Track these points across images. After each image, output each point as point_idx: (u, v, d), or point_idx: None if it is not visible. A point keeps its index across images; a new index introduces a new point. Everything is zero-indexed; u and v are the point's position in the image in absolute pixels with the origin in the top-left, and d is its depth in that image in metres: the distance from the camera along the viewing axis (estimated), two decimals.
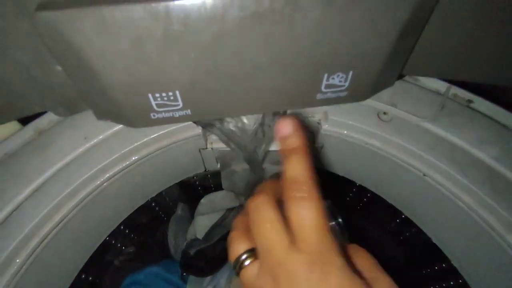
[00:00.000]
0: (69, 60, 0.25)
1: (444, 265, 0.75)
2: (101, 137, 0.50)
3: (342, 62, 0.27)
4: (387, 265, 0.83)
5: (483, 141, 0.47)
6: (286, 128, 0.25)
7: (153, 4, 0.22)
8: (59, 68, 0.27)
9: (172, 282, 0.81)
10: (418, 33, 0.28)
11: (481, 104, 0.51)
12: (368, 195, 0.85)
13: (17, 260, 0.43)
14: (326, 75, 0.28)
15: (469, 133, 0.48)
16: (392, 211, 0.67)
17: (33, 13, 0.22)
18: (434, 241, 0.60)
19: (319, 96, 0.30)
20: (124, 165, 0.52)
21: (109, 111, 0.30)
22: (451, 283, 0.73)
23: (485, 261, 0.50)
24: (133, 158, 0.53)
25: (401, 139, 0.51)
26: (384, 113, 0.52)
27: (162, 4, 0.22)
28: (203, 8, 0.22)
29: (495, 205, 0.45)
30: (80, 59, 0.24)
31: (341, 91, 0.30)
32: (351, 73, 0.29)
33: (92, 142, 0.49)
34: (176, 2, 0.22)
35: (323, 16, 0.23)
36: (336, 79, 0.29)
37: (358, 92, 0.31)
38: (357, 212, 0.89)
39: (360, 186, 0.65)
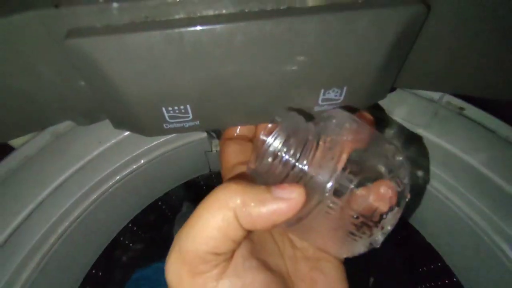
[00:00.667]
0: (93, 78, 0.28)
1: (439, 264, 0.78)
2: (114, 141, 0.53)
3: (337, 80, 0.30)
4: (386, 264, 0.85)
5: (473, 147, 0.50)
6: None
7: (169, 31, 0.25)
8: (82, 83, 0.31)
9: None
10: (404, 54, 0.31)
11: (473, 111, 0.53)
12: None
13: (38, 255, 0.47)
14: (322, 91, 0.31)
15: (460, 139, 0.50)
16: None
17: (64, 39, 0.25)
18: (429, 240, 0.63)
19: (316, 108, 0.33)
20: (134, 167, 0.56)
21: (126, 122, 0.33)
22: (446, 281, 0.76)
23: (476, 260, 0.52)
24: (143, 161, 0.56)
25: (398, 144, 0.53)
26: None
27: (176, 30, 0.25)
28: (212, 33, 0.25)
29: (484, 208, 0.48)
30: (103, 77, 0.27)
31: (336, 103, 0.33)
32: (345, 88, 0.32)
33: (106, 146, 0.52)
34: (188, 29, 0.25)
35: (319, 40, 0.26)
36: (331, 94, 0.32)
37: (351, 105, 0.34)
38: None
39: None
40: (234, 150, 0.35)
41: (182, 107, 0.31)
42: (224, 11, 0.26)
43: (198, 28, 0.25)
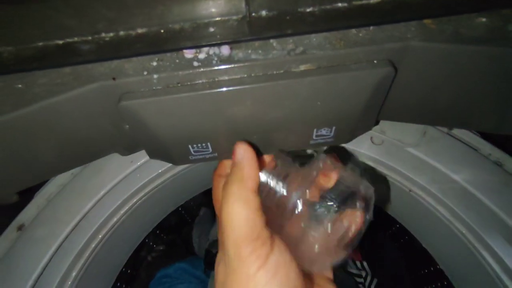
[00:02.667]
0: (138, 127, 0.38)
1: (433, 268, 0.84)
2: (143, 160, 0.63)
3: (326, 122, 0.39)
4: (388, 264, 0.92)
5: (458, 164, 0.57)
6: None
7: (193, 93, 0.34)
8: (127, 126, 0.40)
9: (196, 276, 0.95)
10: (380, 101, 0.38)
11: (459, 131, 0.60)
12: None
13: (85, 255, 0.57)
14: (315, 129, 0.40)
15: (446, 157, 0.57)
16: (390, 219, 0.77)
17: (118, 102, 0.35)
18: (424, 245, 0.70)
19: (311, 141, 0.42)
20: (161, 181, 0.65)
21: (160, 154, 0.43)
22: (439, 284, 0.82)
23: (461, 264, 0.60)
24: (168, 175, 0.66)
25: (390, 161, 0.61)
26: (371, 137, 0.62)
27: (200, 93, 0.34)
28: (227, 94, 0.34)
29: (467, 219, 0.55)
30: (146, 126, 0.37)
31: (328, 138, 0.41)
32: (334, 127, 0.40)
33: (137, 165, 0.62)
34: (209, 91, 0.34)
35: (309, 95, 0.35)
36: (323, 131, 0.40)
37: (341, 138, 0.42)
38: None
39: None
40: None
41: (204, 144, 0.40)
42: (235, 76, 0.35)
43: (216, 90, 0.34)
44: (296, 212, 0.36)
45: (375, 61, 0.35)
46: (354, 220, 0.37)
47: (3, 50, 0.33)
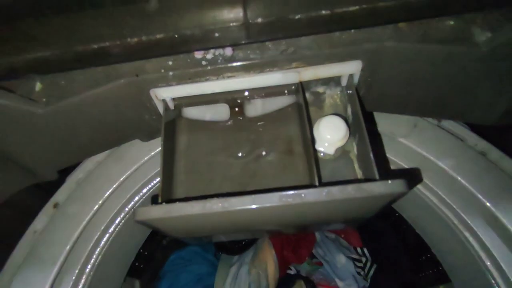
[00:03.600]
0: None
1: (429, 255, 0.89)
2: (159, 149, 0.70)
3: (334, 223, 0.45)
4: (387, 251, 0.97)
5: (445, 153, 0.62)
6: None
7: (208, 205, 0.38)
8: (147, 117, 0.48)
9: (207, 259, 1.03)
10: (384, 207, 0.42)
11: (448, 123, 0.65)
12: None
13: (109, 230, 0.66)
14: (324, 226, 0.46)
15: (434, 147, 0.62)
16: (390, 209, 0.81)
17: (142, 93, 0.42)
18: (416, 230, 0.75)
19: (322, 229, 0.48)
20: None
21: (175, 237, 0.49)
22: (435, 269, 0.87)
23: (447, 243, 0.65)
24: None
25: (384, 150, 0.66)
26: None
27: (208, 205, 0.38)
28: (233, 208, 0.38)
29: (451, 204, 0.60)
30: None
31: (337, 227, 0.48)
32: (341, 225, 0.46)
33: (154, 152, 0.70)
34: (223, 205, 0.38)
35: (321, 211, 0.39)
36: (332, 226, 0.46)
37: (349, 226, 0.48)
38: None
39: None
40: None
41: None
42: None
43: (227, 204, 0.38)
44: None
45: (389, 181, 0.35)
46: None
47: (50, 54, 0.41)
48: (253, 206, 0.35)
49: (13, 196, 0.61)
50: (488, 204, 0.57)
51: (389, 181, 0.35)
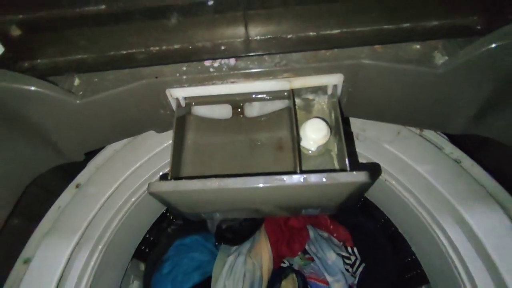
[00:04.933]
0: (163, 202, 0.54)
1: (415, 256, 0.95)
2: (171, 141, 0.80)
3: (311, 207, 0.54)
4: (375, 252, 1.04)
5: (423, 159, 0.69)
6: None
7: (208, 183, 0.47)
8: (162, 112, 0.57)
9: (207, 248, 1.12)
10: (360, 196, 0.52)
11: (428, 132, 0.72)
12: None
13: (123, 210, 0.75)
14: (303, 210, 0.55)
15: (414, 153, 0.70)
16: (380, 212, 0.89)
17: (160, 92, 0.51)
18: (398, 228, 0.82)
19: (302, 212, 0.56)
20: None
21: (181, 213, 0.59)
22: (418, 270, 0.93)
23: (422, 240, 0.72)
24: None
25: (370, 154, 0.74)
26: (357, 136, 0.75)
27: (208, 183, 0.47)
28: (227, 186, 0.47)
29: (425, 203, 0.67)
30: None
31: (315, 212, 0.56)
32: (319, 209, 0.54)
33: (166, 144, 0.79)
34: (220, 184, 0.47)
35: (297, 195, 0.49)
36: (310, 210, 0.55)
37: (326, 212, 0.57)
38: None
39: None
40: None
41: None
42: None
43: (225, 184, 0.47)
44: None
45: (354, 172, 0.43)
46: None
47: (88, 57, 0.51)
48: (244, 186, 0.44)
49: (41, 177, 0.72)
50: (457, 206, 0.64)
51: (354, 172, 0.44)
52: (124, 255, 0.87)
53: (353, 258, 1.06)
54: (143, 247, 1.10)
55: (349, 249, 1.08)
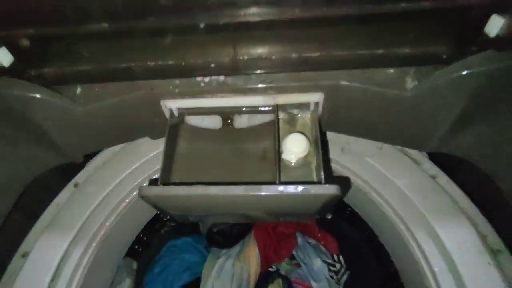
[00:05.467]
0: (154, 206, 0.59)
1: None
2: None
3: (288, 215, 0.58)
4: (360, 261, 1.07)
5: (401, 173, 0.73)
6: None
7: (192, 189, 0.52)
8: (157, 120, 0.62)
9: (199, 250, 1.16)
10: (331, 206, 0.56)
11: (411, 149, 0.76)
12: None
13: (119, 209, 0.79)
14: (281, 217, 0.59)
15: (393, 167, 0.74)
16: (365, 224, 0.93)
17: (158, 102, 0.56)
18: (379, 238, 0.86)
19: (281, 219, 0.61)
20: None
21: (169, 215, 0.63)
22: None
23: (397, 247, 0.76)
24: None
25: (353, 167, 0.78)
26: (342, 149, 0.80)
27: (193, 189, 0.52)
28: (210, 193, 0.52)
29: (401, 214, 0.71)
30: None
31: (293, 221, 0.61)
32: (296, 218, 0.59)
33: (160, 150, 0.84)
34: (203, 190, 0.52)
35: (275, 204, 0.53)
36: (288, 217, 0.59)
37: (303, 220, 0.61)
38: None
39: None
40: None
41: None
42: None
43: (201, 191, 0.52)
44: None
45: (326, 185, 0.49)
46: None
47: (91, 68, 0.56)
48: (225, 193, 0.48)
49: (41, 176, 0.76)
50: (431, 220, 0.68)
51: (326, 185, 0.48)
52: (117, 252, 0.92)
53: (338, 265, 1.10)
54: (136, 246, 1.14)
55: (335, 256, 1.12)
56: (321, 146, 0.56)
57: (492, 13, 0.42)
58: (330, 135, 0.80)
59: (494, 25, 0.42)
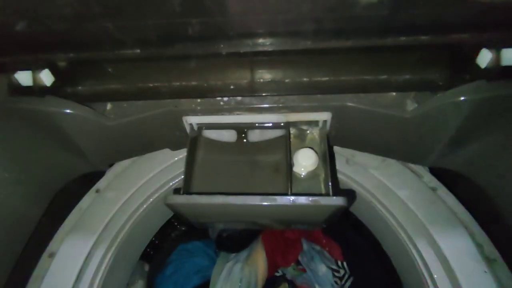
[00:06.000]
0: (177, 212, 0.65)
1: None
2: (181, 156, 0.90)
3: (299, 223, 0.64)
4: (364, 268, 1.12)
5: (403, 184, 0.79)
6: None
7: (214, 199, 0.58)
8: (178, 133, 0.68)
9: (208, 254, 1.21)
10: (337, 216, 0.61)
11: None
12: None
13: (136, 214, 0.85)
14: (292, 224, 0.65)
15: (396, 179, 0.80)
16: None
17: (180, 119, 0.62)
18: (382, 245, 0.91)
19: (292, 227, 0.66)
20: None
21: (190, 221, 0.69)
22: None
23: (400, 258, 0.81)
24: None
25: (358, 178, 0.84)
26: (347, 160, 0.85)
27: (213, 198, 0.58)
28: (229, 202, 0.58)
29: (403, 224, 0.76)
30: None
31: (303, 226, 0.66)
32: (306, 225, 0.64)
33: (177, 158, 0.90)
34: (224, 200, 0.58)
35: (287, 213, 0.59)
36: (299, 225, 0.65)
37: (313, 228, 0.66)
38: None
39: None
40: None
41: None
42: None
43: (221, 200, 0.58)
44: None
45: (334, 197, 0.54)
46: None
47: (120, 87, 0.62)
48: (243, 203, 0.54)
49: (66, 185, 0.83)
50: (431, 230, 0.73)
51: (334, 197, 0.54)
52: (133, 255, 0.97)
53: (342, 271, 1.15)
54: (148, 250, 1.20)
55: (339, 263, 1.16)
56: (329, 160, 0.62)
57: (482, 47, 0.48)
58: (336, 148, 0.86)
59: (484, 58, 0.47)
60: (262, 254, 1.15)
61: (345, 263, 1.17)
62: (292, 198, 0.54)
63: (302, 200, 0.53)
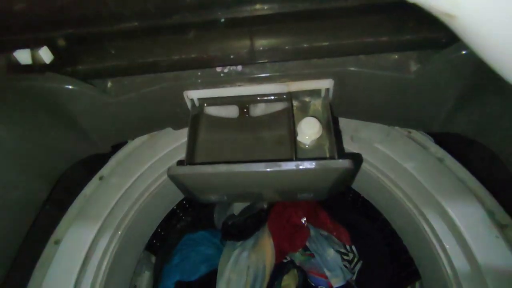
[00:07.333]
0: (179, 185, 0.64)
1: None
2: (183, 140, 0.90)
3: (305, 191, 0.63)
4: (373, 251, 1.11)
5: (409, 157, 0.78)
6: None
7: (217, 167, 0.58)
8: (179, 110, 0.68)
9: (214, 243, 1.20)
10: (346, 181, 0.61)
11: (416, 134, 0.81)
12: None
13: (140, 200, 0.85)
14: (298, 193, 0.64)
15: (401, 152, 0.79)
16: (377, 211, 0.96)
17: (181, 93, 0.62)
18: (390, 223, 0.90)
19: (298, 197, 0.65)
20: None
21: (194, 196, 0.69)
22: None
23: (408, 230, 0.80)
24: None
25: (363, 153, 0.83)
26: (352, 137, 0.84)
27: (217, 167, 0.58)
28: (234, 170, 0.58)
29: (411, 196, 0.75)
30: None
31: (309, 195, 0.65)
32: (312, 194, 0.64)
33: (179, 143, 0.90)
34: (227, 168, 0.58)
35: (293, 180, 0.58)
36: (305, 194, 0.64)
37: (319, 197, 0.65)
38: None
39: None
40: None
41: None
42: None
43: (225, 168, 0.57)
44: None
45: (339, 160, 0.53)
46: None
47: (120, 64, 0.62)
48: (247, 170, 0.53)
49: (69, 170, 0.83)
50: (440, 200, 0.72)
51: (340, 160, 0.53)
52: (139, 242, 0.97)
53: (351, 255, 1.13)
54: (154, 241, 1.19)
55: (348, 247, 1.15)
56: (333, 128, 0.61)
57: None
58: (339, 124, 0.85)
59: None
60: (269, 240, 1.15)
61: (353, 247, 1.16)
62: (297, 163, 0.53)
63: (307, 164, 0.53)
